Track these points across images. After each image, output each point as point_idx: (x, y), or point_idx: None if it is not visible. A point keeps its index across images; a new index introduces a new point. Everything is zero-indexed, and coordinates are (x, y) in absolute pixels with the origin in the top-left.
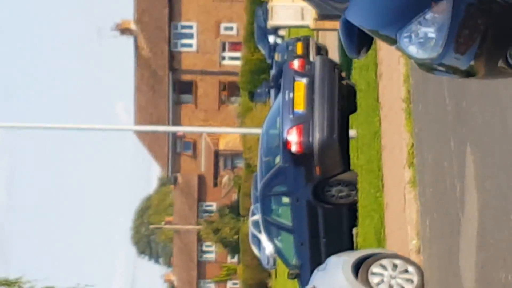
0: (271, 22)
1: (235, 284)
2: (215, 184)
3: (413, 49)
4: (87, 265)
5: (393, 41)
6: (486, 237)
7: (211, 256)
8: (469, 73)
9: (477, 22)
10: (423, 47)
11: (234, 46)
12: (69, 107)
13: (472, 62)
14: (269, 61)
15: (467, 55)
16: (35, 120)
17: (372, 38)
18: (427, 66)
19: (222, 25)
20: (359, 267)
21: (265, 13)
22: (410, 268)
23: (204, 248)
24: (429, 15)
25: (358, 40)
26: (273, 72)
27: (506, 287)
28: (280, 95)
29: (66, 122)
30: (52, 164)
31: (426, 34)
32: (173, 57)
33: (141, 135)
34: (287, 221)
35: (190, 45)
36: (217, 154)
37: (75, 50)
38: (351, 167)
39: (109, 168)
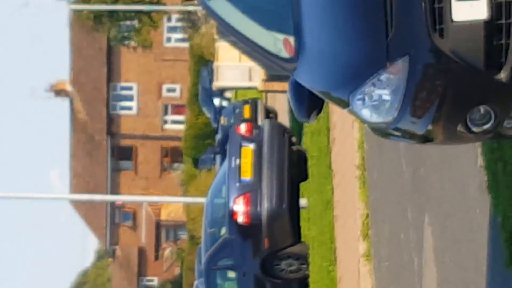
0: (217, 83)
1: None
2: (157, 258)
3: (366, 113)
4: None
5: (345, 104)
6: None
7: None
8: (426, 138)
9: (435, 84)
10: (377, 110)
11: (177, 109)
12: None
13: (429, 127)
14: (214, 125)
15: (425, 119)
16: None
17: (323, 101)
18: (381, 131)
19: (165, 86)
20: None
21: (211, 73)
22: None
23: None
24: (383, 76)
25: (308, 103)
26: (218, 136)
27: None
28: (226, 162)
29: None
30: None
31: (380, 97)
32: (111, 121)
33: (77, 204)
34: None
35: (130, 108)
36: (158, 225)
37: (5, 112)
38: (302, 239)
39: (41, 239)
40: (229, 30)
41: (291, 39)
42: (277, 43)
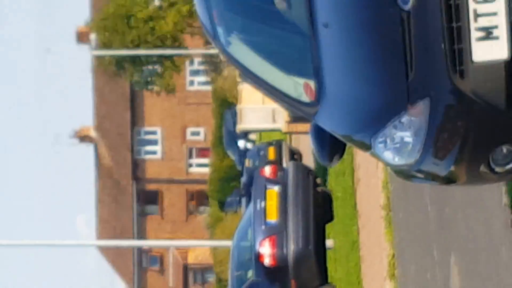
0: (240, 126)
1: None
2: None
3: (388, 155)
4: None
5: (367, 147)
6: None
7: None
8: (449, 180)
9: (456, 125)
10: (399, 152)
11: (202, 152)
12: (24, 222)
13: (452, 168)
14: (239, 168)
15: (447, 160)
16: None
17: (345, 144)
18: (404, 173)
19: (189, 130)
20: None
21: (234, 116)
22: None
23: None
24: (405, 118)
25: (330, 146)
26: (243, 179)
27: None
28: (251, 204)
29: (21, 239)
30: (8, 283)
31: (402, 139)
32: (136, 166)
33: (104, 249)
34: None
35: (154, 152)
36: (186, 269)
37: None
38: (329, 280)
39: (69, 286)
40: (249, 75)
41: (312, 83)
42: (298, 87)
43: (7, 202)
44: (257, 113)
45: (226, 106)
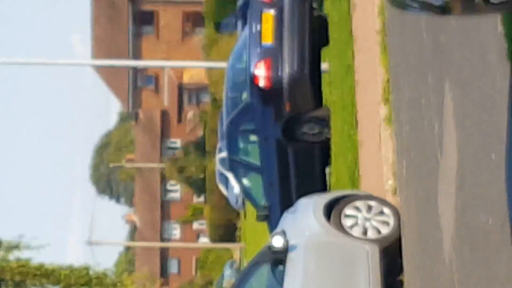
0: None
1: (202, 224)
2: (180, 120)
3: None
4: (44, 206)
5: None
6: (466, 178)
7: (175, 196)
8: (444, 10)
9: None
10: None
11: None
12: (20, 39)
13: None
14: None
15: None
16: None
17: None
18: (400, 1)
19: None
20: (332, 209)
21: None
22: (386, 210)
23: (168, 188)
24: None
25: None
26: (240, 1)
27: (487, 231)
28: (247, 27)
29: (17, 56)
30: (6, 100)
31: None
32: None
33: (99, 69)
34: (255, 160)
35: None
36: (181, 89)
37: None
38: (324, 103)
39: (65, 103)
40: None
41: None
42: None
43: (2, 19)
44: None
45: None
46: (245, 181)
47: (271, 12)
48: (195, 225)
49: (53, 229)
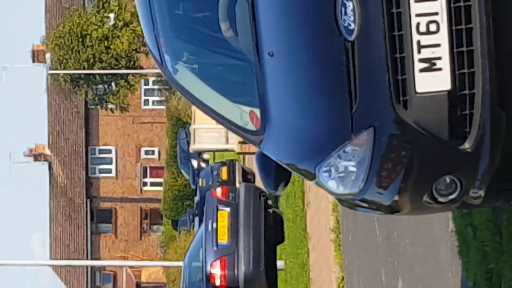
0: (194, 146)
1: None
2: None
3: (333, 184)
4: None
5: (312, 176)
6: None
7: None
8: (393, 209)
9: (400, 155)
10: (343, 182)
11: (156, 171)
12: None
13: (396, 198)
14: (193, 187)
15: (390, 190)
16: None
17: (290, 172)
18: (349, 202)
19: (143, 149)
20: None
21: (189, 135)
22: None
23: None
24: (349, 148)
25: (276, 174)
26: (197, 198)
27: None
28: (203, 225)
29: None
30: None
31: (346, 168)
32: (91, 184)
33: (57, 268)
34: None
35: (109, 171)
36: (139, 287)
37: None
38: None
39: None
40: (196, 103)
41: (257, 112)
42: (244, 115)
43: None
44: (211, 133)
45: (180, 125)
46: None
47: (227, 210)
48: None
49: None
